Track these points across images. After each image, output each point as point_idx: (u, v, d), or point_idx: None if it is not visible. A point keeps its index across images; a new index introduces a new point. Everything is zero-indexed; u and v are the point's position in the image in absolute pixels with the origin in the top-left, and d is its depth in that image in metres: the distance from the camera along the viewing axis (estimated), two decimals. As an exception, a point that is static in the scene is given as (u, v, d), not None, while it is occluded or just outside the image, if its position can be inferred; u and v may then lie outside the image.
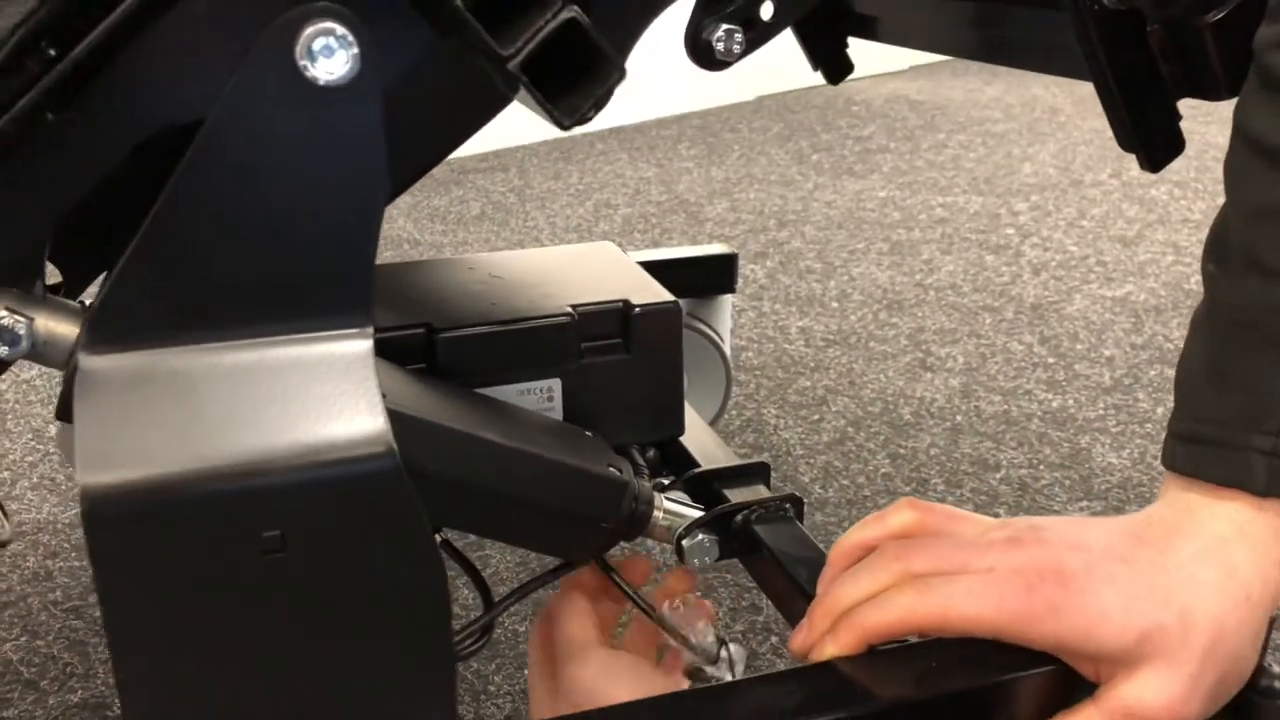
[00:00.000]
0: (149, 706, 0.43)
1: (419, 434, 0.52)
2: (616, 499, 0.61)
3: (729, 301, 1.08)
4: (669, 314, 0.67)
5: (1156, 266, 1.85)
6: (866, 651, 0.53)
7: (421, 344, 0.61)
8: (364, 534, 0.43)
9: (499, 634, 1.03)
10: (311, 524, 0.42)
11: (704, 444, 0.75)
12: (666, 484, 0.70)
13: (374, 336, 0.46)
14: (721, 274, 1.06)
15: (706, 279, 1.06)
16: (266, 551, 0.42)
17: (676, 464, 0.73)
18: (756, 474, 0.72)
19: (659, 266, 0.91)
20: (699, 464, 0.72)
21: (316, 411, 0.43)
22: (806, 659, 0.54)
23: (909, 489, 1.24)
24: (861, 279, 1.82)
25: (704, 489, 0.71)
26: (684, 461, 0.73)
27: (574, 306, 0.65)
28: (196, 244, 0.42)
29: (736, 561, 0.70)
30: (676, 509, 0.65)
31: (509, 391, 0.63)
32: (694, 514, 0.65)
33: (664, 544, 0.66)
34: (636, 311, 0.65)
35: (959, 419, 1.38)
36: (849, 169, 2.43)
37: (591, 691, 0.59)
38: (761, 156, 2.55)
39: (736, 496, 0.69)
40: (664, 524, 0.64)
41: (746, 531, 0.67)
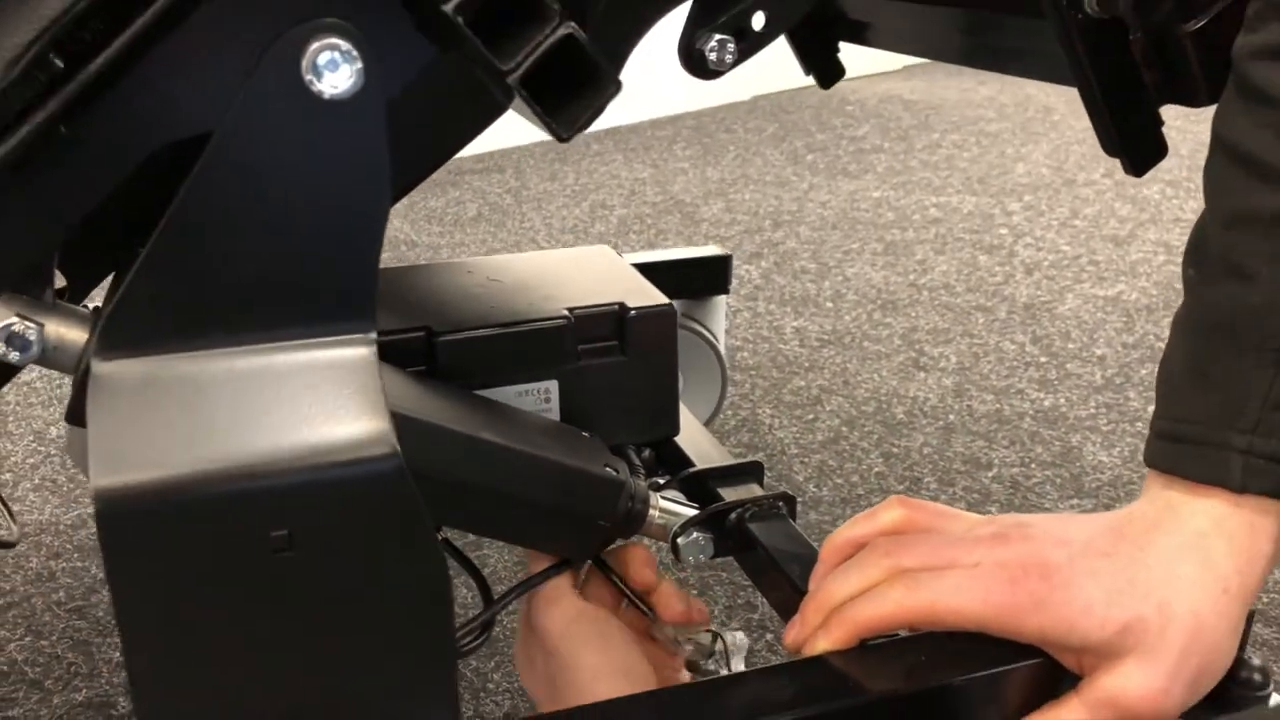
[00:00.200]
0: (160, 700, 0.44)
1: (421, 435, 0.53)
2: (613, 498, 0.62)
3: (724, 302, 1.10)
4: (664, 316, 0.68)
5: (1148, 266, 1.86)
6: (858, 646, 0.54)
7: (422, 347, 0.62)
8: (368, 533, 0.45)
9: (498, 631, 1.04)
10: (318, 523, 0.44)
11: (698, 444, 0.76)
12: (662, 483, 0.72)
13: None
14: (716, 275, 1.07)
15: (701, 280, 1.07)
16: (274, 550, 0.43)
17: (672, 463, 0.74)
18: (750, 473, 0.73)
19: (654, 268, 0.93)
20: (694, 463, 0.74)
21: (322, 414, 0.44)
22: (800, 653, 0.56)
23: (902, 488, 1.25)
24: (856, 279, 1.83)
25: (699, 488, 0.72)
26: (679, 461, 0.74)
27: (571, 310, 0.66)
28: (205, 253, 0.44)
29: (732, 560, 0.72)
30: (672, 507, 0.66)
31: (508, 393, 0.64)
32: (689, 512, 0.67)
33: (660, 542, 0.67)
34: (632, 314, 0.67)
35: (952, 418, 1.40)
36: (843, 169, 2.44)
37: (560, 640, 0.61)
38: (756, 157, 2.56)
39: (731, 495, 0.70)
40: (660, 522, 0.65)
41: (740, 529, 0.69)
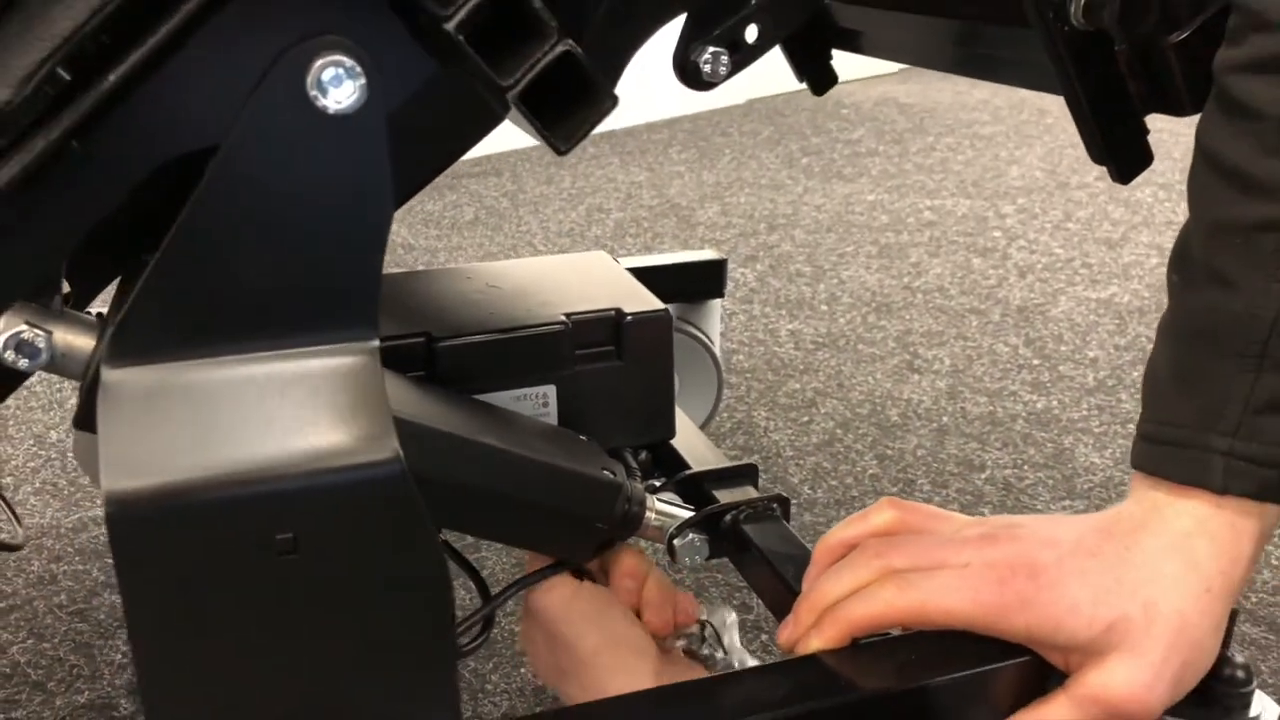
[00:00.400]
0: (169, 698, 0.45)
1: (422, 440, 0.54)
2: (610, 500, 0.63)
3: (719, 305, 1.11)
4: (659, 322, 0.69)
5: (1141, 268, 1.87)
6: (850, 644, 0.55)
7: (422, 352, 0.63)
8: (371, 536, 0.46)
9: (495, 633, 1.05)
10: (322, 527, 0.45)
11: (694, 446, 0.77)
12: (658, 485, 0.73)
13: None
14: (711, 279, 1.08)
15: (696, 284, 1.08)
16: (280, 553, 0.44)
17: (668, 466, 0.75)
18: (745, 475, 0.75)
19: (650, 273, 0.94)
20: (689, 466, 0.75)
21: (327, 420, 0.45)
22: (793, 652, 0.57)
23: (896, 489, 1.26)
24: (850, 282, 1.84)
25: (694, 490, 0.73)
26: (675, 464, 0.75)
27: (568, 315, 0.67)
28: (213, 263, 0.45)
29: (727, 561, 0.73)
30: (668, 510, 0.67)
31: (506, 397, 0.65)
32: (685, 514, 0.68)
33: (656, 543, 0.68)
34: (628, 320, 0.68)
35: (945, 420, 1.41)
36: (838, 172, 2.45)
37: (560, 621, 0.63)
38: (752, 160, 2.58)
39: (726, 497, 0.71)
40: (656, 524, 0.66)
41: (735, 531, 0.70)
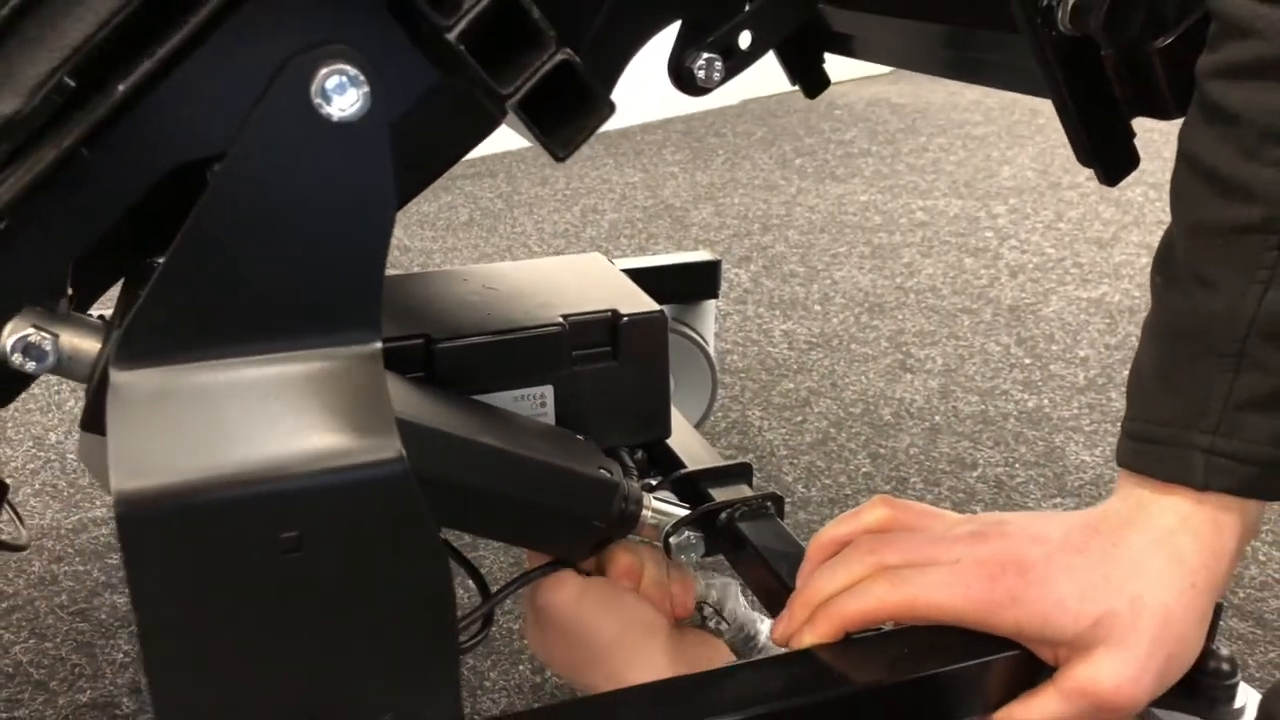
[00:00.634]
0: (176, 694, 0.46)
1: (422, 440, 0.55)
2: (607, 499, 0.64)
3: (713, 306, 1.12)
4: (655, 323, 0.70)
5: (1131, 268, 1.89)
6: (843, 639, 0.57)
7: (420, 354, 0.64)
8: (374, 535, 0.47)
9: (494, 631, 1.06)
10: (327, 525, 0.45)
11: (689, 446, 0.78)
12: (654, 484, 0.74)
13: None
14: (705, 280, 1.10)
15: (691, 285, 1.09)
16: (285, 551, 0.45)
17: (664, 465, 0.76)
18: (739, 474, 0.76)
19: (645, 274, 0.95)
20: (685, 465, 0.76)
21: (331, 420, 0.46)
22: (788, 647, 0.58)
23: (889, 488, 1.27)
24: (843, 282, 1.85)
25: (690, 489, 0.74)
26: (671, 463, 0.76)
27: (565, 316, 0.68)
28: (219, 268, 0.46)
29: (722, 558, 0.74)
30: (664, 508, 0.68)
31: (504, 398, 0.66)
32: (680, 512, 0.69)
33: (653, 541, 0.69)
34: (624, 321, 0.69)
35: (937, 419, 1.42)
36: (831, 173, 2.46)
37: (573, 617, 0.64)
38: (745, 161, 2.59)
39: (721, 495, 0.73)
40: (652, 522, 0.67)
41: (730, 528, 0.71)
